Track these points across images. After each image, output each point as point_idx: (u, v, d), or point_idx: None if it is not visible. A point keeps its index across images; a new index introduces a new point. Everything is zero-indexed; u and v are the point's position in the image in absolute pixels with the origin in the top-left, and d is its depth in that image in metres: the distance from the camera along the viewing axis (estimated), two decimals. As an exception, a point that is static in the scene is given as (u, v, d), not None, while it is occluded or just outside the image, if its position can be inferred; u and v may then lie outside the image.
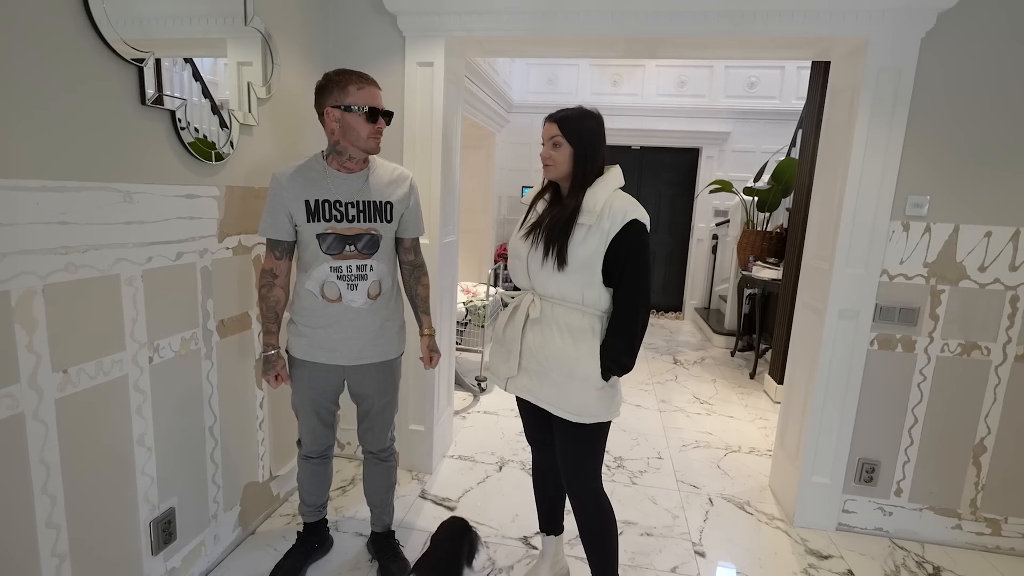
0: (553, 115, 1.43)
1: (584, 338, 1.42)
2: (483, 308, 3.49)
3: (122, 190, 1.35)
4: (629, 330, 1.39)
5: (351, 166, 1.55)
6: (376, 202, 1.56)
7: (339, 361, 1.60)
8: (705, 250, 5.85)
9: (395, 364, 1.68)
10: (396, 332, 1.66)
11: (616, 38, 2.07)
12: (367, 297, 1.56)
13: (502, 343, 1.57)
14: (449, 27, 2.12)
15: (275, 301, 1.59)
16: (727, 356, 4.64)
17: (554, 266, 1.39)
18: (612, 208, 1.36)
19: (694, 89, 5.53)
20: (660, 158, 5.96)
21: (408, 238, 1.66)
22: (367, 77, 1.50)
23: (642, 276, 1.37)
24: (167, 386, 1.55)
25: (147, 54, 1.36)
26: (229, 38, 1.72)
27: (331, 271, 1.54)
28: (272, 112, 1.92)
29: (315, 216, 1.54)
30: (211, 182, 1.65)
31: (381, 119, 1.52)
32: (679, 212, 6.06)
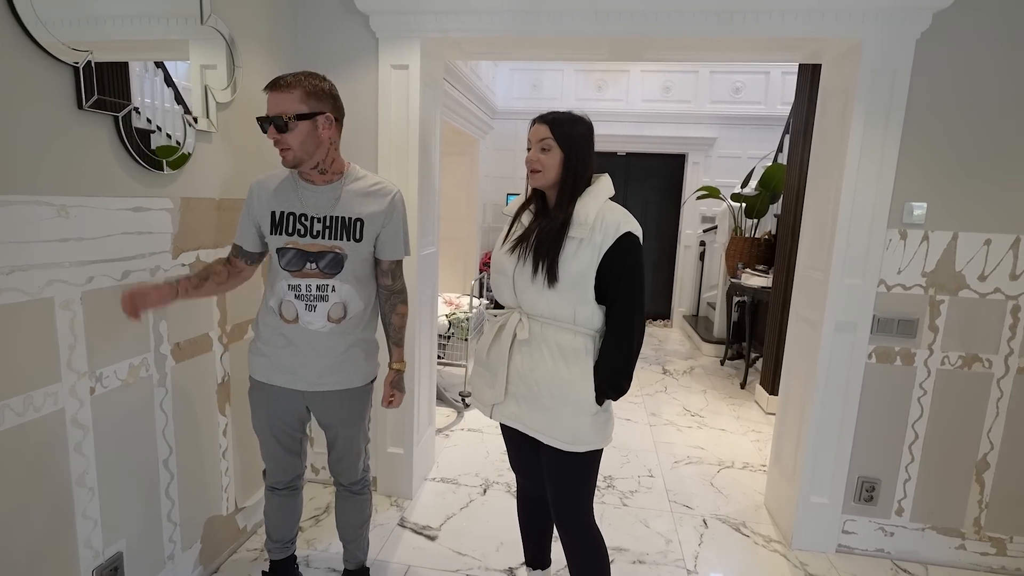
0: (544, 116, 1.34)
1: (577, 359, 1.32)
2: (466, 321, 3.37)
3: (55, 204, 1.21)
4: (624, 350, 1.30)
5: (312, 177, 1.43)
6: (343, 218, 1.42)
7: (298, 385, 1.48)
8: (693, 257, 5.80)
9: (361, 393, 1.54)
10: (364, 358, 1.52)
11: (600, 39, 1.98)
12: (327, 320, 1.43)
13: (486, 366, 1.46)
14: (425, 28, 2.01)
15: (215, 272, 1.49)
16: (717, 365, 4.57)
17: (544, 283, 1.29)
18: (604, 220, 1.28)
19: (679, 94, 5.50)
20: (646, 164, 5.92)
21: (385, 260, 1.50)
22: (273, 81, 1.33)
23: (637, 292, 1.29)
24: (112, 418, 1.41)
25: (84, 53, 1.23)
26: (190, 39, 1.60)
27: (288, 289, 1.43)
28: (233, 118, 1.79)
29: (278, 228, 1.43)
30: (164, 193, 1.52)
31: (270, 128, 1.34)
32: (666, 218, 6.02)
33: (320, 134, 1.36)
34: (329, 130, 1.37)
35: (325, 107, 1.36)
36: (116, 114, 1.34)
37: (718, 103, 5.46)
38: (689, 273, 5.84)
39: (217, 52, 1.69)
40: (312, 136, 1.35)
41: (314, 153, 1.37)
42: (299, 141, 1.34)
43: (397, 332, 1.57)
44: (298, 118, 1.32)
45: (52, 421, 1.25)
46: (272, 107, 1.33)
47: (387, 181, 1.50)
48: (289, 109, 1.32)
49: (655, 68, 5.47)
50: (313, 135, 1.35)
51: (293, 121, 1.32)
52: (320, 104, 1.35)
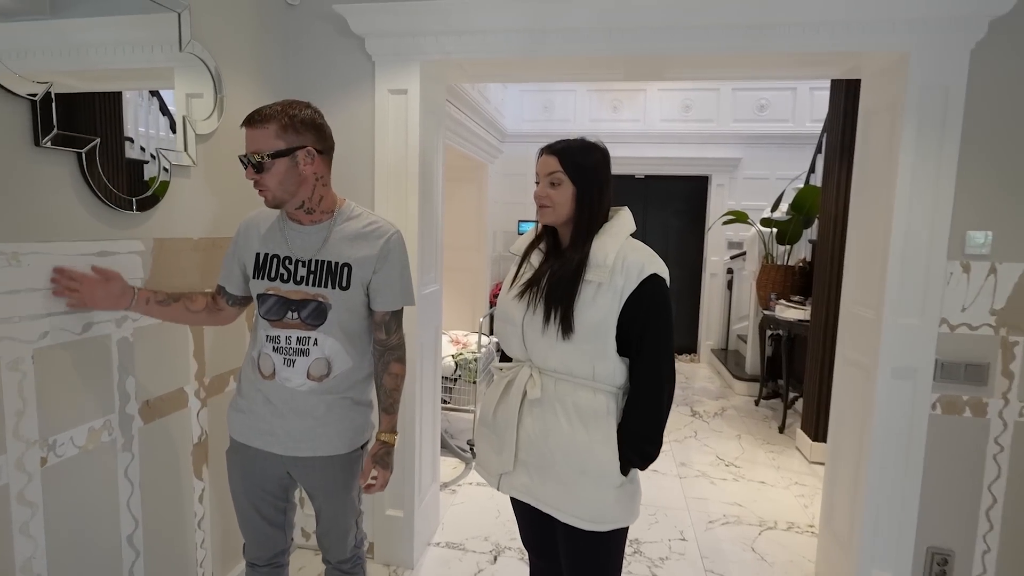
0: (551, 146, 1.25)
1: (597, 422, 1.20)
2: (474, 362, 3.25)
3: (5, 252, 1.14)
4: (652, 410, 1.19)
5: (299, 217, 1.35)
6: (329, 263, 1.32)
7: (276, 448, 1.36)
8: (720, 285, 5.65)
9: (345, 462, 1.41)
10: (350, 421, 1.40)
11: (615, 59, 1.91)
12: (306, 377, 1.33)
13: (492, 428, 1.34)
14: (424, 50, 1.96)
15: (191, 298, 1.40)
16: (751, 405, 4.38)
17: (558, 334, 1.19)
18: (626, 261, 1.18)
19: (700, 113, 5.44)
20: (666, 187, 5.84)
21: (379, 311, 1.38)
22: (249, 116, 1.25)
23: (665, 343, 1.19)
24: (67, 492, 1.30)
25: (43, 85, 1.17)
26: (167, 67, 1.56)
27: (267, 340, 1.33)
28: (215, 151, 1.73)
29: (261, 272, 1.35)
30: (133, 234, 1.44)
31: (248, 167, 1.25)
32: (689, 245, 5.90)
33: (301, 170, 1.27)
34: (312, 165, 1.28)
35: (306, 140, 1.27)
36: (79, 150, 1.27)
37: (742, 122, 5.38)
38: (716, 303, 5.68)
39: (198, 80, 1.64)
40: (292, 174, 1.26)
41: (296, 192, 1.28)
42: (277, 181, 1.25)
43: (388, 396, 1.44)
44: (274, 156, 1.23)
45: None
46: (248, 144, 1.25)
47: (384, 221, 1.40)
48: (263, 146, 1.23)
49: (674, 86, 5.43)
50: (293, 173, 1.26)
51: (269, 160, 1.23)
52: (299, 137, 1.26)
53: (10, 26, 1.13)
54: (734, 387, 4.76)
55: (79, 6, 1.29)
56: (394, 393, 1.44)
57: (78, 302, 1.27)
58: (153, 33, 1.50)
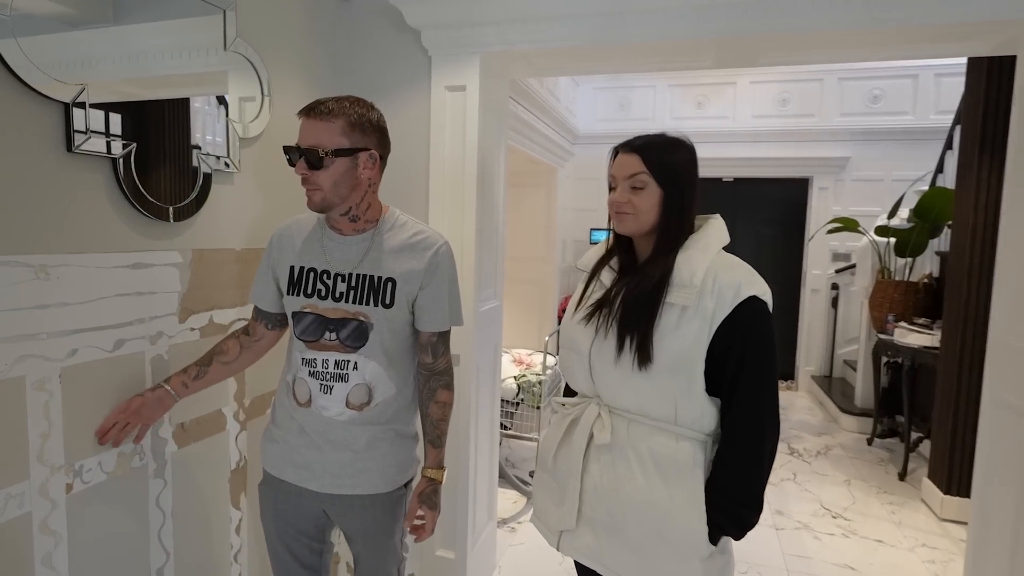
0: (631, 143, 1.13)
1: (680, 477, 1.06)
2: (539, 384, 3.13)
3: (33, 264, 1.13)
4: (750, 466, 1.04)
5: (341, 225, 1.29)
6: (372, 277, 1.26)
7: (312, 484, 1.30)
8: (823, 303, 5.25)
9: (387, 501, 1.33)
10: (392, 456, 1.32)
11: (703, 43, 1.75)
12: (344, 405, 1.26)
13: (552, 474, 1.23)
14: (485, 41, 1.88)
15: (222, 351, 1.39)
16: (862, 444, 3.99)
17: (633, 365, 1.07)
18: (718, 280, 1.04)
19: (800, 107, 5.11)
20: (759, 191, 5.55)
21: (425, 332, 1.32)
22: (312, 105, 1.21)
23: (766, 382, 1.04)
24: (93, 522, 1.29)
25: (76, 87, 1.17)
26: (215, 68, 1.56)
27: (303, 364, 1.28)
28: (261, 155, 1.72)
29: (296, 288, 1.30)
30: (170, 245, 1.43)
31: (301, 162, 1.20)
32: (786, 257, 5.55)
33: (359, 174, 1.23)
34: (371, 170, 1.25)
35: (370, 142, 1.23)
36: (114, 156, 1.26)
37: (851, 116, 5.00)
38: (818, 323, 5.28)
39: (243, 80, 1.63)
40: (349, 176, 1.22)
41: (348, 196, 1.24)
42: (332, 181, 1.20)
43: (435, 427, 1.36)
44: (336, 153, 1.19)
45: (15, 529, 1.13)
46: (306, 136, 1.19)
47: (432, 231, 1.33)
48: (327, 142, 1.18)
49: (768, 77, 5.13)
50: (351, 175, 1.22)
51: (330, 157, 1.18)
52: (365, 138, 1.22)
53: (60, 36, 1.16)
54: (840, 422, 4.37)
55: (133, 13, 1.31)
56: (441, 424, 1.36)
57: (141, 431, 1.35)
58: (199, 35, 1.50)
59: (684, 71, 4.96)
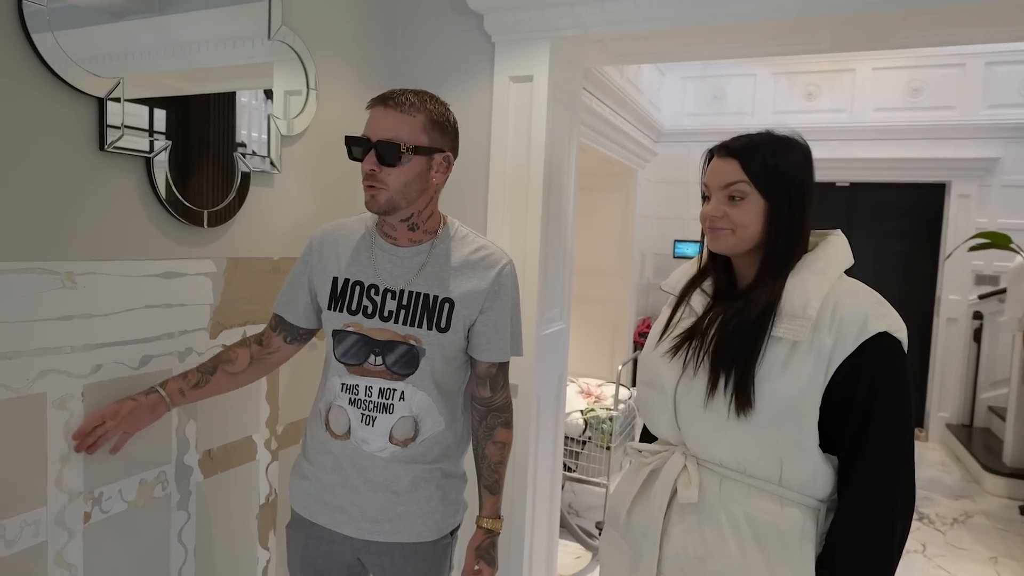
0: (727, 146, 1.09)
1: (785, 552, 1.00)
2: (609, 421, 3.07)
3: (59, 271, 1.20)
4: (878, 548, 0.97)
5: (396, 234, 1.29)
6: (426, 296, 1.26)
7: (346, 529, 1.30)
8: (961, 336, 4.96)
9: (432, 551, 1.32)
10: (440, 499, 1.31)
11: (820, 20, 1.67)
12: (388, 440, 1.26)
13: (625, 535, 1.18)
14: (556, 24, 1.87)
15: (229, 359, 1.35)
16: (1013, 513, 3.73)
17: (728, 410, 1.02)
18: (838, 310, 0.99)
19: (935, 98, 4.86)
20: (881, 199, 5.33)
21: (483, 362, 1.32)
22: (388, 95, 1.21)
23: (900, 440, 0.98)
24: (111, 555, 1.33)
25: (110, 81, 1.23)
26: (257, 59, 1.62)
27: (342, 391, 1.28)
28: (304, 155, 1.76)
29: (339, 303, 1.29)
30: (203, 253, 1.49)
31: (370, 154, 1.18)
32: (914, 279, 5.29)
33: (431, 177, 1.25)
34: (443, 174, 1.27)
35: (446, 143, 1.26)
36: (147, 154, 1.32)
37: (1001, 107, 4.72)
38: (956, 360, 4.98)
39: (287, 72, 1.69)
40: (422, 178, 1.23)
41: (415, 201, 1.24)
42: (404, 181, 1.20)
43: (493, 471, 1.34)
44: (416, 151, 1.20)
45: (29, 559, 1.19)
46: (380, 127, 1.19)
47: (496, 247, 1.33)
48: (407, 136, 1.19)
49: (896, 62, 4.90)
50: (423, 177, 1.23)
51: (408, 154, 1.19)
52: (443, 139, 1.25)
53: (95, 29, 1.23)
54: (984, 483, 4.10)
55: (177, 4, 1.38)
56: (500, 467, 1.36)
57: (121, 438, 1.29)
58: (240, 24, 1.56)
59: (791, 56, 4.80)
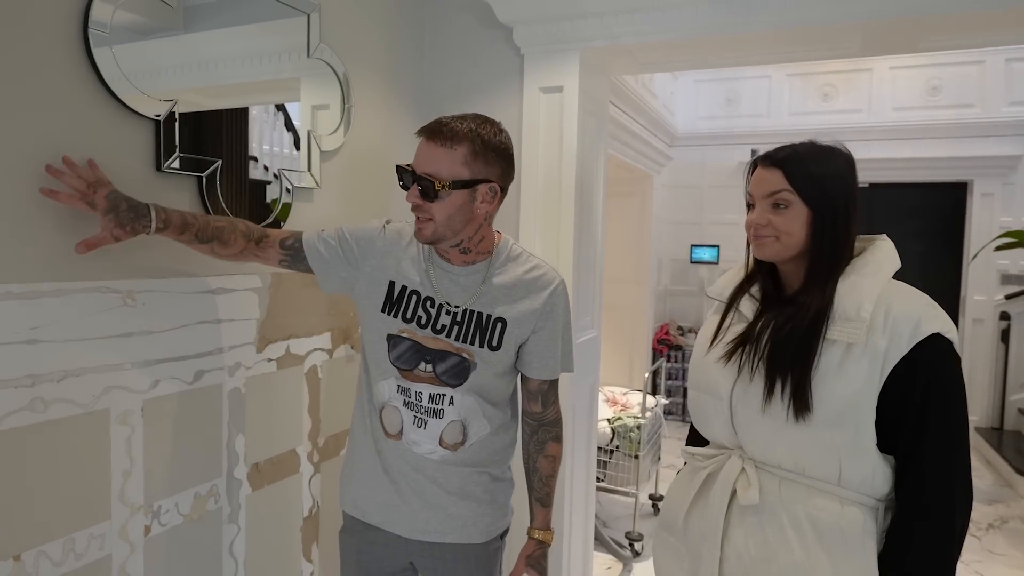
0: (772, 156, 1.13)
1: (847, 550, 1.04)
2: (637, 429, 3.09)
3: (121, 289, 1.25)
4: (940, 543, 1.01)
5: (450, 255, 1.31)
6: (480, 315, 1.30)
7: (398, 529, 1.35)
8: (988, 336, 4.95)
9: (484, 553, 1.37)
10: (488, 502, 1.36)
11: (850, 27, 1.71)
12: (438, 443, 1.31)
13: (682, 539, 1.22)
14: (586, 35, 1.92)
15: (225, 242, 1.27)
16: (1048, 517, 3.67)
17: (787, 414, 1.06)
18: (891, 313, 1.03)
19: (955, 96, 4.87)
20: (901, 199, 5.32)
21: (535, 379, 1.36)
22: (435, 126, 1.22)
23: (956, 438, 1.03)
24: (168, 568, 1.38)
25: (167, 104, 1.29)
26: (291, 77, 1.68)
27: (398, 392, 1.32)
28: (342, 169, 1.82)
29: (395, 308, 1.32)
30: (250, 269, 1.54)
31: (414, 187, 1.21)
32: (937, 279, 5.25)
33: (476, 208, 1.24)
34: (489, 204, 1.25)
35: (492, 172, 1.24)
36: (200, 174, 1.38)
37: (1022, 104, 4.72)
38: (983, 362, 4.97)
39: (325, 89, 1.75)
40: (465, 210, 1.23)
41: (460, 231, 1.25)
42: (447, 215, 1.21)
43: (544, 484, 1.39)
44: (454, 186, 1.19)
45: (94, 573, 1.23)
46: (423, 161, 1.21)
47: (548, 266, 1.35)
48: (445, 171, 1.19)
49: (913, 60, 4.91)
50: (467, 209, 1.23)
51: (446, 190, 1.19)
52: (487, 168, 1.23)
53: (140, 44, 1.28)
54: (1018, 487, 4.07)
55: (209, 19, 1.44)
56: (551, 480, 1.41)
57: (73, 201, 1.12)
58: (280, 40, 1.62)
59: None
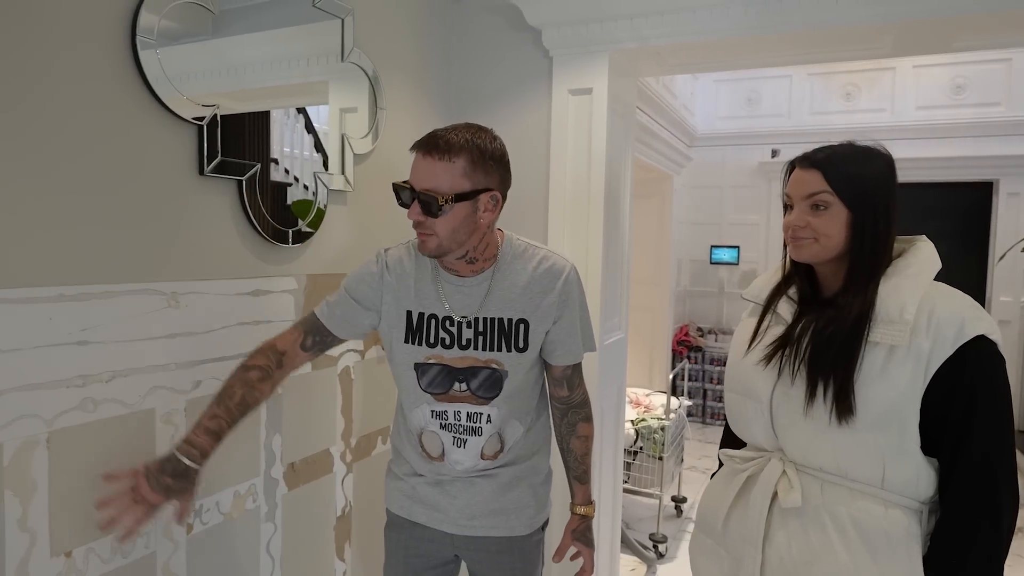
0: (811, 157, 1.13)
1: (893, 553, 1.03)
2: (661, 431, 3.08)
3: (166, 291, 1.27)
4: (988, 544, 1.00)
5: (457, 267, 1.29)
6: (500, 320, 1.29)
7: (445, 526, 1.38)
8: (1015, 338, 4.87)
9: (527, 546, 1.40)
10: (531, 496, 1.38)
11: (884, 28, 1.70)
12: (479, 458, 1.33)
13: (721, 542, 1.22)
14: (615, 37, 1.92)
15: (246, 388, 1.20)
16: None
17: (829, 417, 1.05)
18: (935, 314, 1.02)
19: (980, 94, 4.79)
20: (924, 199, 5.22)
21: (559, 366, 1.36)
22: (428, 139, 1.19)
23: (1001, 440, 1.01)
24: (209, 566, 1.40)
25: (210, 108, 1.31)
26: (325, 80, 1.70)
27: (432, 417, 1.32)
28: (373, 173, 1.83)
29: (417, 336, 1.30)
30: (287, 270, 1.56)
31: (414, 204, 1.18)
32: (962, 280, 5.07)
33: (479, 218, 1.22)
34: (492, 212, 1.24)
35: (492, 180, 1.22)
36: (239, 178, 1.40)
37: (1049, 103, 4.65)
38: (1010, 364, 4.72)
39: (357, 92, 1.76)
40: (468, 222, 1.21)
41: (464, 243, 1.23)
42: (449, 229, 1.19)
43: (579, 462, 1.43)
44: (457, 199, 1.17)
45: (140, 571, 1.26)
46: (421, 176, 1.18)
47: (555, 255, 1.33)
48: (445, 185, 1.17)
49: (937, 59, 4.84)
50: (470, 220, 1.21)
51: (449, 204, 1.17)
52: (486, 177, 1.21)
53: (179, 49, 1.29)
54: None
55: (243, 23, 1.45)
56: (585, 458, 1.44)
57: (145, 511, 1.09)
58: (314, 44, 1.64)
59: (829, 57, 4.80)
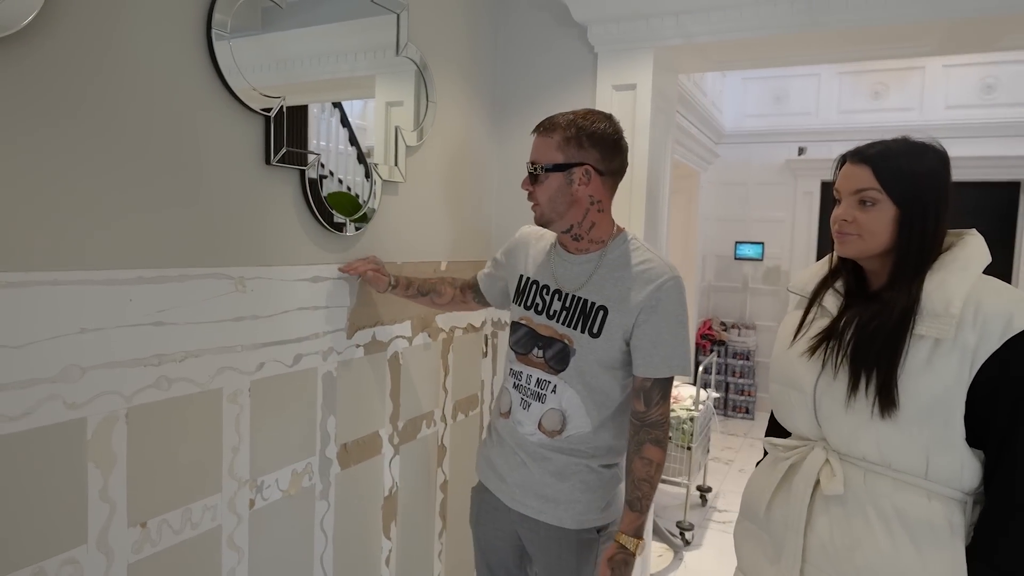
0: (862, 152, 1.11)
1: (936, 543, 1.02)
2: (690, 422, 3.08)
3: (234, 276, 1.29)
4: None
5: (566, 243, 1.42)
6: (585, 302, 1.34)
7: (504, 497, 1.43)
8: (1041, 338, 4.75)
9: (577, 543, 1.37)
10: (591, 490, 1.37)
11: (932, 24, 1.67)
12: (536, 427, 1.36)
13: (765, 527, 1.22)
14: (661, 34, 1.91)
15: (439, 291, 1.65)
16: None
17: (872, 410, 1.04)
18: (981, 308, 1.00)
19: (1011, 94, 4.69)
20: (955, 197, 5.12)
21: (638, 376, 1.32)
22: (542, 122, 1.38)
23: None
24: (269, 540, 1.43)
25: (276, 100, 1.33)
26: (378, 74, 1.71)
27: (510, 375, 1.45)
28: (424, 163, 1.84)
29: (520, 297, 1.47)
30: (343, 258, 1.58)
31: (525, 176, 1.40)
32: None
33: (575, 190, 1.32)
34: (587, 186, 1.32)
35: (588, 156, 1.32)
36: (302, 167, 1.42)
37: (1082, 103, 4.53)
38: None
39: (409, 86, 1.77)
40: (564, 192, 1.33)
41: (565, 214, 1.34)
42: (547, 196, 1.34)
43: (637, 487, 1.31)
44: (549, 169, 1.32)
45: (207, 541, 1.28)
46: (533, 152, 1.37)
47: (661, 261, 1.35)
48: (542, 157, 1.33)
49: (967, 59, 4.75)
50: (565, 191, 1.32)
51: (544, 173, 1.33)
52: (581, 152, 1.31)
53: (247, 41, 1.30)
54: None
55: (302, 15, 1.46)
56: (644, 485, 1.31)
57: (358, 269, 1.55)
58: (371, 38, 1.65)
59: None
